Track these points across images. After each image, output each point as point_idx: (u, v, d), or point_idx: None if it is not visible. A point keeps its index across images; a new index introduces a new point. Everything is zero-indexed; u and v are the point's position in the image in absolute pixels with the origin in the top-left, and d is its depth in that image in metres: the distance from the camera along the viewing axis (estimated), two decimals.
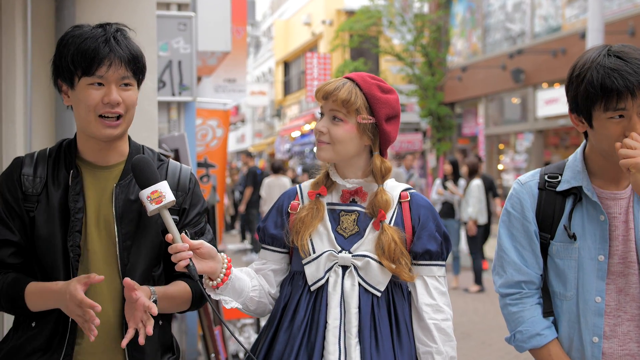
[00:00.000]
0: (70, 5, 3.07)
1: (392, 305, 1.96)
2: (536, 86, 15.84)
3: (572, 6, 14.73)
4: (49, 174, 1.88)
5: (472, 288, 9.22)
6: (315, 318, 1.94)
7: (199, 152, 5.79)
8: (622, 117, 1.82)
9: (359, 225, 1.99)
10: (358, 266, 1.94)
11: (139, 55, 1.88)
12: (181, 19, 4.67)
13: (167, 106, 4.88)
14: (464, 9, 19.15)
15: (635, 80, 1.78)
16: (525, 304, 2.01)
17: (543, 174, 2.06)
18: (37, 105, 3.08)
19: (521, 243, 2.03)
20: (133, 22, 3.57)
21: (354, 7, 22.24)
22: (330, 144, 1.97)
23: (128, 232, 1.88)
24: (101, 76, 1.81)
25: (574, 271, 1.95)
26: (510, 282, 2.04)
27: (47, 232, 1.83)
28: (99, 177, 1.91)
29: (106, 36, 1.83)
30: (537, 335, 1.97)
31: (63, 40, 1.86)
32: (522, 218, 2.03)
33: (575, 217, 1.96)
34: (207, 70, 6.52)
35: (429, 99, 18.86)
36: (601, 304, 1.91)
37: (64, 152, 1.92)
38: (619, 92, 1.79)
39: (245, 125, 35.84)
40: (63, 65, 1.84)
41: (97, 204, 1.89)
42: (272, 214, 2.09)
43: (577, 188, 1.97)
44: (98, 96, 1.82)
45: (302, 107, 26.67)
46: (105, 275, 1.82)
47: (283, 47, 29.89)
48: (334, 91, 1.95)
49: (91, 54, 1.80)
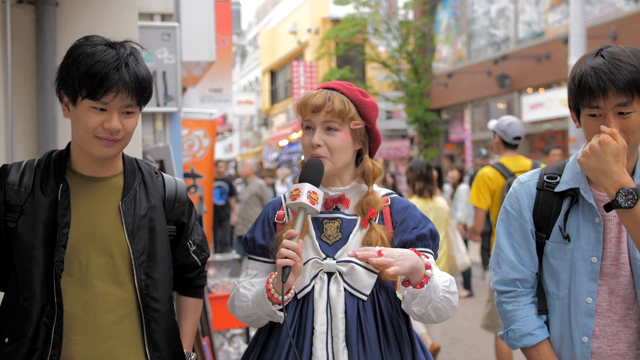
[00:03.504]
0: (50, 17, 3.05)
1: (378, 308, 1.97)
2: (521, 91, 15.95)
3: (555, 11, 14.86)
4: (35, 185, 1.85)
5: (461, 293, 9.23)
6: (302, 325, 1.95)
7: (185, 162, 5.76)
8: (600, 115, 1.86)
9: (342, 232, 2.01)
10: (343, 272, 1.96)
11: (147, 81, 1.84)
12: (165, 29, 4.66)
13: (152, 117, 4.86)
14: (449, 15, 19.26)
15: (608, 79, 1.81)
16: (519, 303, 2.04)
17: (543, 174, 2.08)
18: (18, 117, 3.05)
19: (518, 241, 2.06)
20: (115, 33, 3.56)
21: (339, 15, 22.31)
22: (326, 156, 1.98)
23: (141, 247, 1.87)
24: (105, 102, 1.78)
25: (567, 271, 1.97)
26: (506, 280, 2.06)
27: (28, 244, 1.80)
28: (91, 190, 1.89)
29: (118, 62, 1.77)
30: (528, 335, 2.00)
31: (73, 54, 1.80)
32: (519, 217, 2.05)
33: (571, 219, 1.98)
34: (192, 80, 6.50)
35: (415, 106, 18.93)
36: (592, 304, 1.93)
37: (54, 163, 1.89)
38: (591, 90, 1.83)
39: (233, 134, 35.80)
40: (69, 81, 1.79)
41: (91, 217, 1.86)
42: (259, 225, 2.09)
43: (574, 189, 1.99)
44: (99, 121, 1.79)
45: (289, 115, 26.68)
46: (101, 288, 1.81)
47: (269, 56, 29.92)
48: (326, 103, 1.97)
49: (99, 80, 1.75)
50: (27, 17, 3.09)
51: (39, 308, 1.78)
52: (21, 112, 3.06)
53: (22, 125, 3.07)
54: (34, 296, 1.79)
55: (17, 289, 1.81)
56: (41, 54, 3.05)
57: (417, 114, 18.91)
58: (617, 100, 1.82)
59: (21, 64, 3.04)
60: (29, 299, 1.79)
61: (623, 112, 1.83)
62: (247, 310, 1.98)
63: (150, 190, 1.95)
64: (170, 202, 2.00)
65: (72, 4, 3.22)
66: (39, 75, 3.05)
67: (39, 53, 3.07)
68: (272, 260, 2.05)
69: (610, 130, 1.82)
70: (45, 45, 3.05)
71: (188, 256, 2.08)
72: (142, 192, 1.93)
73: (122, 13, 3.33)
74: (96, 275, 1.84)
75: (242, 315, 2.01)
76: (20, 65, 3.03)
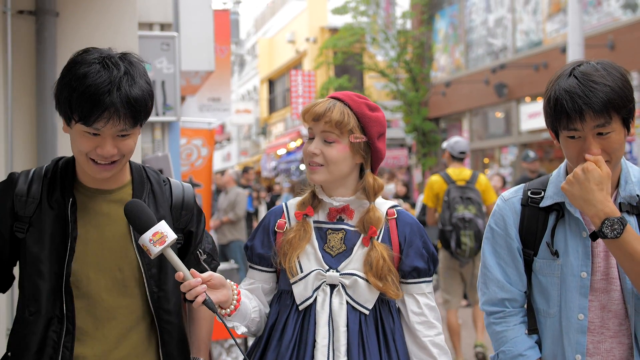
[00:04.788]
0: (51, 27, 3.06)
1: (380, 322, 1.96)
2: (519, 100, 16.00)
3: (553, 21, 14.93)
4: (43, 196, 1.81)
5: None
6: (303, 337, 1.93)
7: (184, 171, 5.77)
8: (580, 137, 1.83)
9: (346, 243, 1.98)
10: (346, 284, 1.93)
11: (141, 102, 1.74)
12: (164, 39, 4.68)
13: (151, 126, 4.88)
14: (447, 24, 19.34)
15: (584, 103, 1.77)
16: (509, 323, 2.00)
17: (526, 189, 2.04)
18: (18, 126, 3.06)
19: (505, 260, 2.02)
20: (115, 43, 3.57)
21: (337, 24, 22.38)
22: (323, 165, 1.96)
23: (152, 260, 1.83)
24: (98, 129, 1.70)
25: (556, 288, 1.94)
26: (494, 300, 2.03)
27: (35, 257, 1.78)
28: (99, 203, 1.85)
29: (110, 85, 1.68)
30: (519, 356, 1.96)
31: (68, 75, 1.73)
32: (505, 235, 2.01)
33: (558, 234, 1.95)
34: (191, 89, 6.52)
35: (413, 115, 18.96)
36: (584, 321, 1.89)
37: (61, 174, 1.85)
38: (568, 115, 1.80)
39: (231, 143, 35.81)
40: (62, 104, 1.74)
41: (100, 231, 1.83)
42: (259, 233, 2.07)
43: (559, 204, 1.96)
44: (91, 145, 1.73)
45: (287, 124, 26.72)
46: (110, 302, 1.80)
47: (267, 65, 29.98)
48: (326, 112, 1.93)
49: (90, 106, 1.67)
50: (28, 27, 3.10)
51: (44, 322, 1.77)
52: (21, 121, 3.07)
53: (22, 135, 3.08)
54: (39, 310, 1.77)
55: (23, 303, 1.80)
56: (41, 63, 3.06)
57: (415, 123, 18.94)
58: (594, 122, 1.79)
59: (21, 74, 3.05)
60: (34, 312, 1.77)
61: (602, 133, 1.80)
62: None
63: (159, 200, 1.91)
64: (177, 210, 1.94)
65: (72, 15, 3.23)
66: (39, 85, 3.06)
67: (39, 63, 3.08)
68: (269, 269, 2.04)
69: (594, 158, 1.79)
70: (46, 55, 3.06)
71: (198, 265, 2.00)
72: (152, 203, 1.89)
73: (122, 23, 3.34)
74: (105, 288, 1.82)
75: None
76: (20, 75, 3.04)
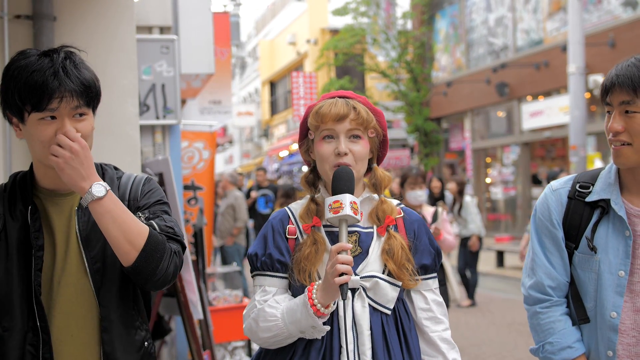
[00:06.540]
0: (48, 32, 3.05)
1: (399, 321, 1.96)
2: (521, 99, 15.98)
3: (553, 19, 14.91)
4: (5, 210, 1.80)
5: (464, 302, 9.20)
6: (332, 343, 1.90)
7: (185, 174, 5.75)
8: (611, 112, 1.88)
9: (361, 245, 1.96)
10: (366, 287, 1.92)
11: (91, 83, 1.76)
12: (164, 42, 4.67)
13: (152, 130, 4.87)
14: (447, 24, 19.32)
15: (616, 74, 1.85)
16: (555, 314, 2.00)
17: (576, 182, 2.03)
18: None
19: (549, 249, 2.03)
20: (113, 46, 3.57)
21: (338, 25, 22.38)
22: (352, 165, 1.93)
23: (97, 254, 1.80)
24: (53, 110, 1.70)
25: (593, 284, 1.94)
26: (540, 286, 2.03)
27: (7, 271, 1.76)
28: (60, 206, 1.83)
29: (54, 67, 1.70)
30: (568, 348, 1.97)
31: (9, 71, 1.73)
32: (549, 224, 2.03)
33: (600, 230, 1.94)
34: (191, 92, 6.50)
35: (415, 115, 18.95)
36: (616, 319, 1.89)
37: (19, 186, 1.84)
38: (604, 86, 1.88)
39: (233, 146, 35.83)
40: (11, 100, 1.73)
41: (65, 233, 1.82)
42: (275, 240, 2.00)
43: (605, 200, 1.94)
44: (51, 131, 1.71)
45: (289, 126, 26.71)
46: (80, 302, 1.78)
47: (269, 67, 29.99)
48: (350, 112, 1.94)
49: (40, 89, 1.68)
50: (25, 32, 3.09)
51: (19, 337, 1.74)
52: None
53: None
54: (13, 326, 1.75)
55: None
56: None
57: (417, 123, 18.93)
58: (621, 97, 1.82)
59: None
60: (8, 329, 1.75)
61: (628, 111, 1.82)
62: (276, 329, 1.88)
63: None
64: (125, 202, 1.87)
65: (69, 19, 3.22)
66: None
67: None
68: (285, 275, 1.97)
69: None
70: None
71: None
72: None
73: (120, 26, 3.33)
74: (74, 292, 1.80)
75: (267, 336, 1.90)
76: None
